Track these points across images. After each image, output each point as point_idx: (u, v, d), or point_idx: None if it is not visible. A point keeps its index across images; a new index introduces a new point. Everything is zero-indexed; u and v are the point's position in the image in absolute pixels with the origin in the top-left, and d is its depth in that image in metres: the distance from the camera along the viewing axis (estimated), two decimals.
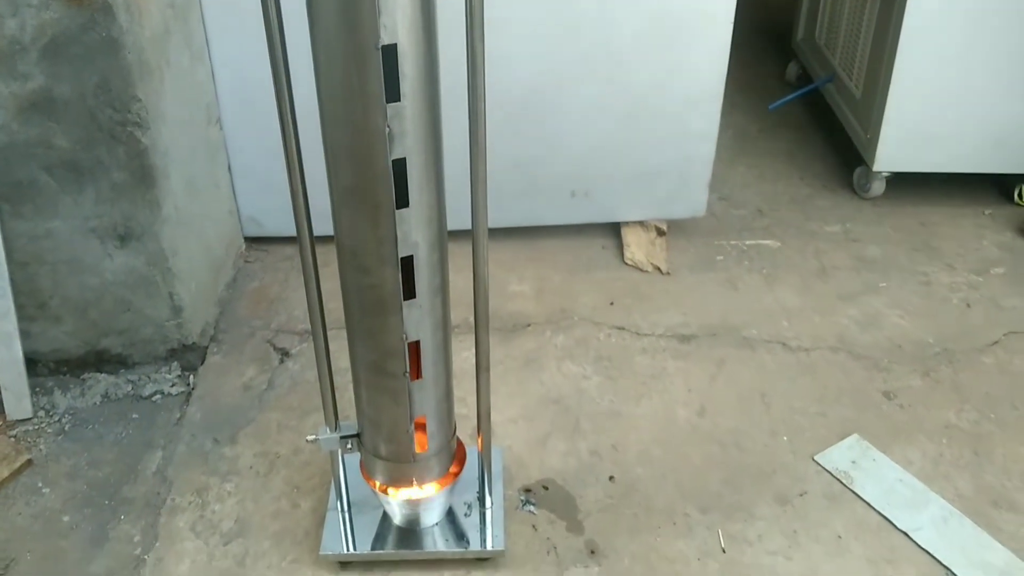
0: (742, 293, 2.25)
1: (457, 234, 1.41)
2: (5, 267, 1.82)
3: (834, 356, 2.05)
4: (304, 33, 1.13)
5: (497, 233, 2.36)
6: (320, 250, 1.37)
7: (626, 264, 2.35)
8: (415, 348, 1.35)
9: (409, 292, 1.30)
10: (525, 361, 2.03)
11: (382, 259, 1.26)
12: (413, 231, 1.25)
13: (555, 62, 2.16)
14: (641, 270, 2.33)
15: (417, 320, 1.32)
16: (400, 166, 1.19)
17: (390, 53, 1.10)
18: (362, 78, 1.11)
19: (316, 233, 1.36)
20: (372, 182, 1.19)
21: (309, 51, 1.14)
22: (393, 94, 1.13)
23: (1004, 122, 2.42)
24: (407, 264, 1.27)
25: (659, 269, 2.32)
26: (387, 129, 1.15)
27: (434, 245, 1.30)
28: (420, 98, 1.16)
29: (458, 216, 1.37)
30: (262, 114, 2.12)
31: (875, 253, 2.40)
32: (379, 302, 1.30)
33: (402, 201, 1.22)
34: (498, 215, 2.14)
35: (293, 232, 1.33)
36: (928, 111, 2.41)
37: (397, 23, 1.08)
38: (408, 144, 1.18)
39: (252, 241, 2.39)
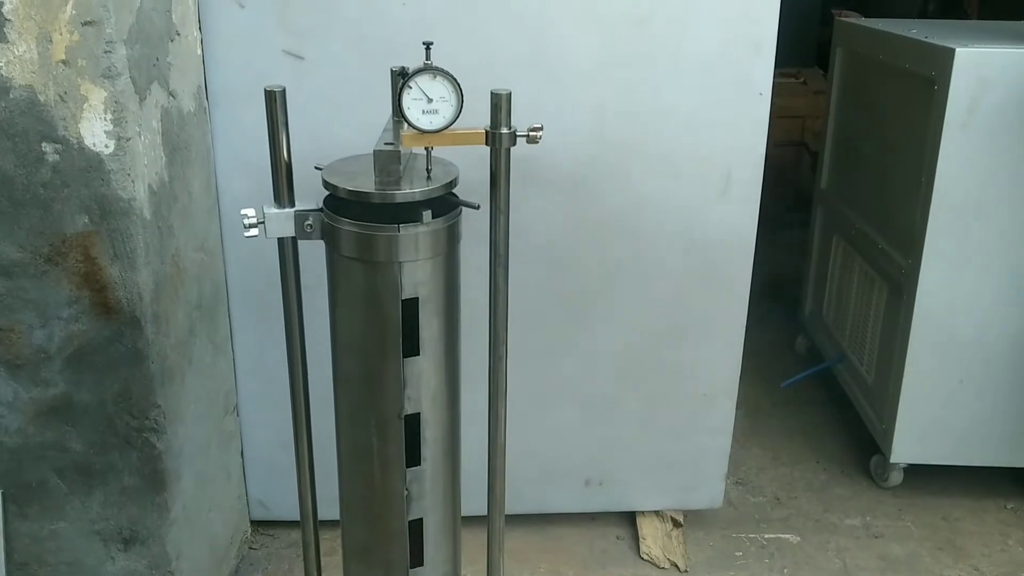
0: None
1: (470, 520, 1.36)
2: (3, 569, 1.77)
3: None
4: (323, 322, 1.15)
5: (508, 519, 2.29)
6: (325, 535, 1.33)
7: (642, 559, 2.27)
8: None
9: None
10: None
11: None
12: None
13: (571, 358, 2.19)
14: (658, 566, 2.25)
15: None
16: (416, 527, 1.17)
17: (413, 421, 1.11)
18: (383, 444, 1.12)
19: (321, 517, 1.32)
20: (387, 542, 1.17)
21: (327, 337, 1.15)
22: (414, 459, 1.13)
23: (1020, 416, 2.41)
24: None
25: (676, 566, 2.24)
26: (405, 492, 1.14)
27: None
28: (441, 460, 1.16)
29: (471, 501, 1.33)
30: (278, 401, 2.13)
31: (898, 552, 2.32)
32: None
33: (416, 560, 1.19)
34: (510, 502, 2.08)
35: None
36: (943, 404, 2.41)
37: (421, 394, 1.10)
38: (426, 504, 1.17)
39: (258, 525, 2.34)
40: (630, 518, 2.40)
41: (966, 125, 2.20)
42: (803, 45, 5.43)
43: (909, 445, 2.46)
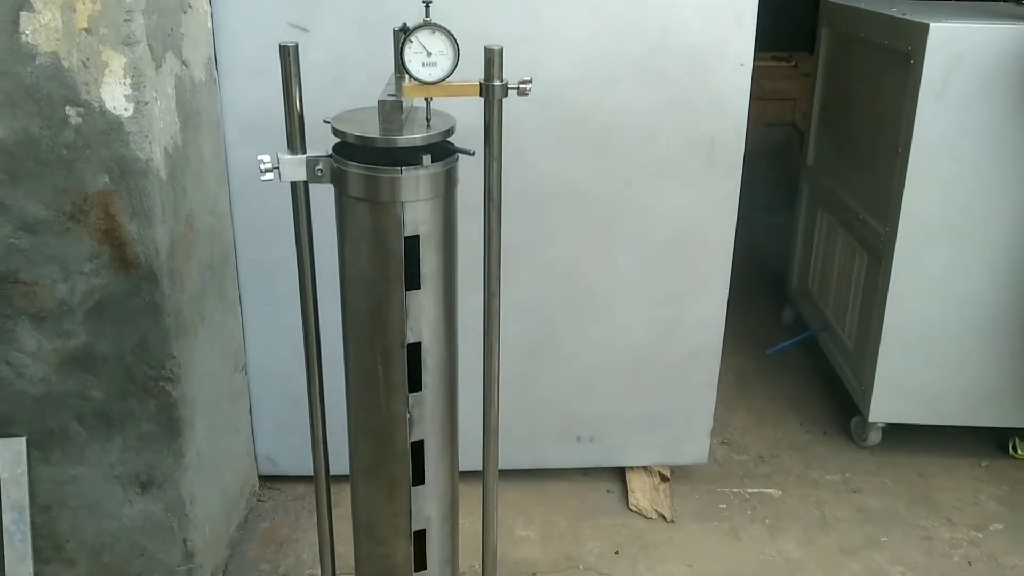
0: (746, 544, 2.28)
1: (466, 475, 1.46)
2: (28, 513, 1.88)
3: None
4: (331, 288, 1.26)
5: (504, 474, 2.41)
6: (331, 489, 1.43)
7: (631, 510, 2.39)
8: None
9: (420, 564, 1.35)
10: None
11: (396, 531, 1.33)
12: (426, 506, 1.32)
13: (564, 317, 2.30)
14: (646, 517, 2.37)
15: None
16: (418, 448, 1.28)
17: (414, 350, 1.22)
18: (387, 370, 1.23)
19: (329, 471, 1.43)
20: (391, 461, 1.28)
21: (338, 300, 1.25)
22: (416, 385, 1.24)
23: (993, 378, 2.52)
24: (419, 537, 1.34)
25: (663, 516, 2.36)
26: (408, 415, 1.25)
27: (446, 517, 1.37)
28: (440, 387, 1.27)
29: (468, 457, 1.44)
30: (286, 359, 2.26)
31: (875, 505, 2.44)
32: (390, 573, 1.36)
33: (418, 479, 1.30)
34: (506, 457, 2.20)
35: (307, 471, 1.38)
36: (919, 366, 2.53)
37: (422, 325, 1.21)
38: (426, 428, 1.28)
39: (266, 479, 2.45)
40: (620, 473, 2.52)
41: (940, 97, 2.30)
42: (795, 30, 5.53)
43: (887, 405, 2.58)
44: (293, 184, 1.22)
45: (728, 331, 2.36)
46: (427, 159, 1.14)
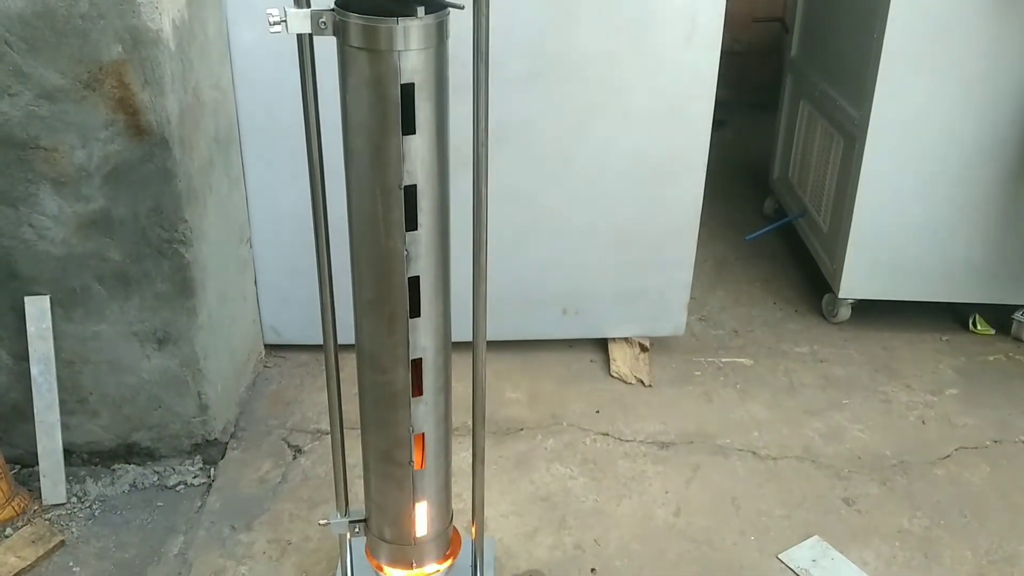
0: (717, 405, 2.46)
1: (459, 345, 1.62)
2: (54, 364, 2.04)
3: (799, 465, 2.24)
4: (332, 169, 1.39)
5: (495, 346, 2.58)
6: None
7: (612, 376, 2.56)
8: (420, 439, 1.55)
9: (417, 390, 1.51)
10: (517, 462, 2.22)
11: (395, 360, 1.48)
12: (423, 337, 1.47)
13: (550, 195, 2.43)
14: (625, 382, 2.54)
15: (423, 415, 1.53)
16: (414, 283, 1.42)
17: (411, 192, 1.35)
18: (387, 210, 1.36)
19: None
20: (390, 295, 1.42)
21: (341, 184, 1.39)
22: (412, 224, 1.37)
23: (955, 256, 2.68)
24: (416, 365, 1.49)
25: (642, 382, 2.54)
26: (405, 252, 1.38)
27: (440, 350, 1.52)
28: (434, 228, 1.40)
29: (460, 329, 1.59)
30: (288, 236, 2.40)
31: (840, 373, 2.62)
32: (391, 398, 1.51)
33: (415, 312, 1.44)
34: (496, 329, 2.37)
35: (309, 341, 1.50)
36: (887, 245, 2.68)
37: (417, 168, 1.34)
38: (422, 265, 1.41)
39: (271, 348, 2.61)
40: (603, 344, 2.68)
41: None
42: None
43: (856, 282, 2.74)
44: (299, 37, 1.33)
45: (711, 221, 2.51)
46: (420, 11, 1.26)
